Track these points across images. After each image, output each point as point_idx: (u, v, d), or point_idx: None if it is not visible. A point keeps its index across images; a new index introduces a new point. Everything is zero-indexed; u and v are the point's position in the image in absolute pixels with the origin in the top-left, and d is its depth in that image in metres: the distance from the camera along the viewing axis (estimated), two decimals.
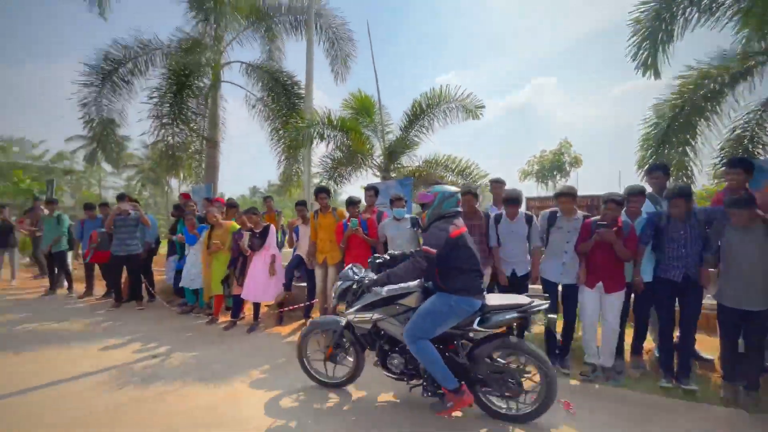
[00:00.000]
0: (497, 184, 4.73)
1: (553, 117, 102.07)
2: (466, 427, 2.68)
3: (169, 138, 6.49)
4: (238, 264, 5.27)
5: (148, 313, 5.96)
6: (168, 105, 6.47)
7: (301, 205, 5.49)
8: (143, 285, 6.50)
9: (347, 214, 4.79)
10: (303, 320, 5.36)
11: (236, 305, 5.27)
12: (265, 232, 5.03)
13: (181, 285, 5.71)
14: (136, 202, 6.45)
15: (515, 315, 2.58)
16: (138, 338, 4.66)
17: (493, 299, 2.73)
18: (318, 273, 5.06)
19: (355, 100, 7.02)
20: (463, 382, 2.59)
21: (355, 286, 2.92)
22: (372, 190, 5.21)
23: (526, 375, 2.64)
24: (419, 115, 6.92)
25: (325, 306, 5.01)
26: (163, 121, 6.40)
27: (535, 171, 33.81)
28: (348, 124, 6.20)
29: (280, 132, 8.32)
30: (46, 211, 7.30)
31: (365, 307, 2.87)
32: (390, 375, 2.91)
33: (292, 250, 5.56)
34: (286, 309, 5.34)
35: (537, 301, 2.62)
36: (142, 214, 6.00)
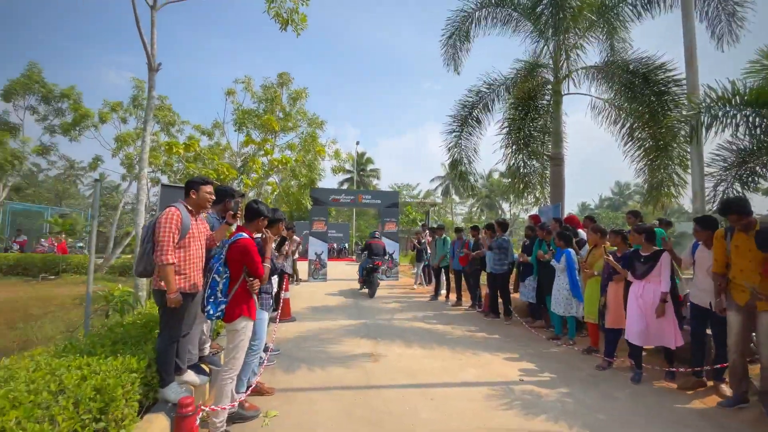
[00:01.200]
0: None
1: None
2: None
3: (520, 162, 6.77)
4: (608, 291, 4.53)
5: (513, 329, 6.24)
6: (516, 131, 6.80)
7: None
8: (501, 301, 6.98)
9: None
10: (701, 377, 3.77)
11: (609, 342, 4.45)
12: (655, 257, 3.95)
13: (552, 309, 5.55)
14: (492, 230, 7.12)
15: (371, 263, 9.53)
16: (510, 356, 4.83)
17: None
18: (733, 320, 3.38)
19: None
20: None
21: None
22: None
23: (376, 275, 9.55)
24: None
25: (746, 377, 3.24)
26: (513, 147, 6.76)
27: None
28: None
29: (638, 132, 6.76)
30: (430, 237, 9.50)
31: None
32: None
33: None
34: (679, 369, 3.95)
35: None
36: (484, 241, 6.56)
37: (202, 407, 2.57)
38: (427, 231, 11.46)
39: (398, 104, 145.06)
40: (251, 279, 2.89)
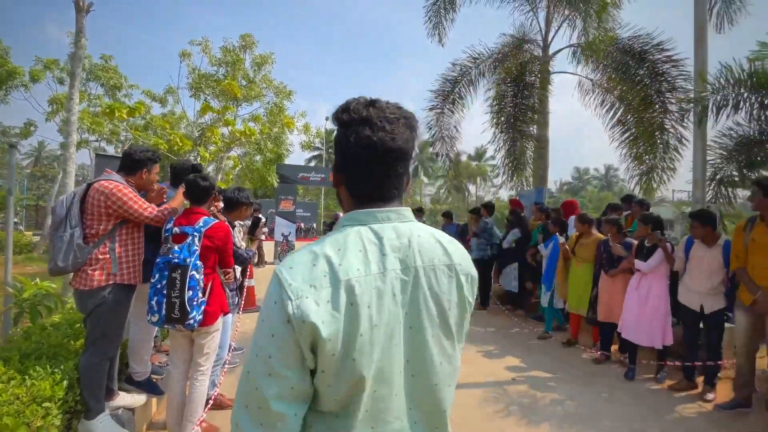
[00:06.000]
0: None
1: None
2: None
3: (509, 143, 6.35)
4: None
5: (492, 319, 5.97)
6: (505, 109, 6.32)
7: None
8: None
9: None
10: (692, 380, 3.59)
11: (605, 336, 4.25)
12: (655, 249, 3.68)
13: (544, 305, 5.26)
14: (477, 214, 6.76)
15: None
16: (495, 350, 4.55)
17: None
18: (741, 320, 3.19)
19: None
20: None
21: None
22: None
23: None
24: None
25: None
26: (503, 126, 6.31)
27: None
28: None
29: (629, 115, 6.45)
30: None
31: None
32: None
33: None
34: (667, 363, 3.81)
35: None
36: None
37: None
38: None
39: (376, 81, 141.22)
40: (226, 271, 2.53)
